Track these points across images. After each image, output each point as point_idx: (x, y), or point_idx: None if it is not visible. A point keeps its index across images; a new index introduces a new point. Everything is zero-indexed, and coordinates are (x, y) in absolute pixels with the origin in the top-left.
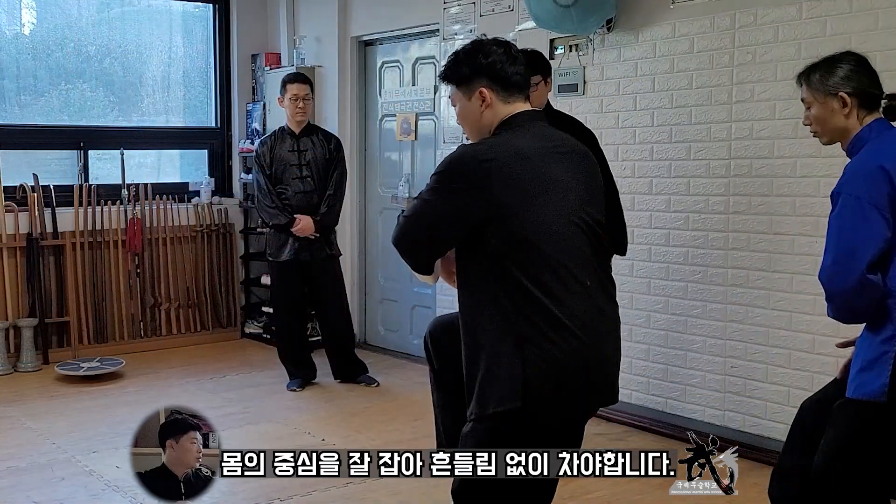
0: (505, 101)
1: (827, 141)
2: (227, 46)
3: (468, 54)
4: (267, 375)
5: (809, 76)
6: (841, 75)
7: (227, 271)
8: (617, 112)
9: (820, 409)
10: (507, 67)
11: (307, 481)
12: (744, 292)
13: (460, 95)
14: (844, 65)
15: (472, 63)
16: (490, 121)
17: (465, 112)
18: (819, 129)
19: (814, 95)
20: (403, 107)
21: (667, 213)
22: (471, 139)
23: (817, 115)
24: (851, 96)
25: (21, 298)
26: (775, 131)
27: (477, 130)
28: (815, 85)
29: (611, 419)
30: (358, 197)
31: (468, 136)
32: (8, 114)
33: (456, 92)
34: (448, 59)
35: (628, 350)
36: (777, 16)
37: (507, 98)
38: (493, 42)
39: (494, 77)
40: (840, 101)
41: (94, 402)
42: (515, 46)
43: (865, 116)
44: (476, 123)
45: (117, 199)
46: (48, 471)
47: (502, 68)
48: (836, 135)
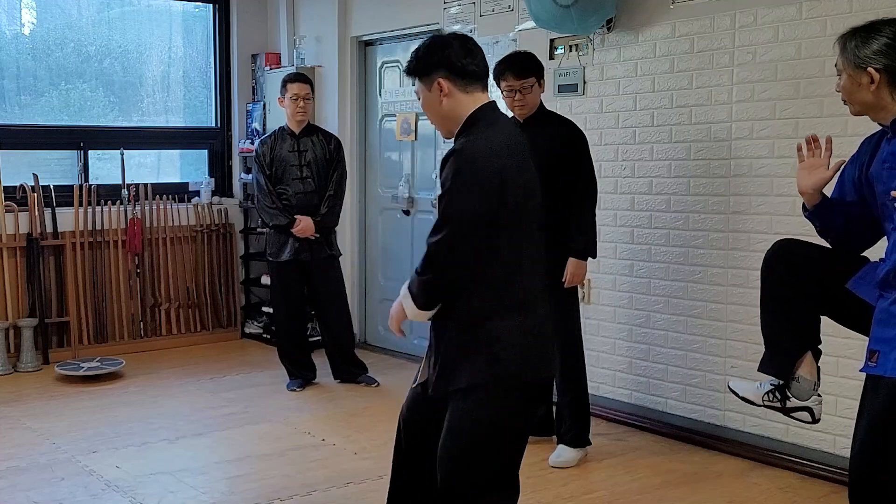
0: (464, 90)
1: (855, 112)
2: (227, 46)
3: (427, 48)
4: (267, 375)
5: (846, 43)
6: (875, 48)
7: (227, 271)
8: (617, 112)
9: None
10: (462, 59)
11: (307, 481)
12: (744, 292)
13: (422, 87)
14: (882, 37)
15: (430, 56)
16: (451, 109)
17: (426, 102)
18: (846, 99)
19: (844, 64)
20: (403, 107)
21: (667, 213)
22: (437, 128)
23: (844, 87)
24: (881, 73)
25: (21, 298)
26: (775, 131)
27: (439, 119)
28: (848, 54)
29: (611, 419)
30: (358, 197)
31: (435, 126)
32: (8, 114)
33: (419, 84)
34: (411, 55)
35: (629, 350)
36: (777, 16)
37: (466, 87)
38: (450, 36)
39: (451, 68)
40: (868, 77)
41: (94, 402)
42: (473, 40)
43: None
44: (437, 113)
45: (117, 199)
46: (48, 471)
47: (458, 59)
48: (863, 108)
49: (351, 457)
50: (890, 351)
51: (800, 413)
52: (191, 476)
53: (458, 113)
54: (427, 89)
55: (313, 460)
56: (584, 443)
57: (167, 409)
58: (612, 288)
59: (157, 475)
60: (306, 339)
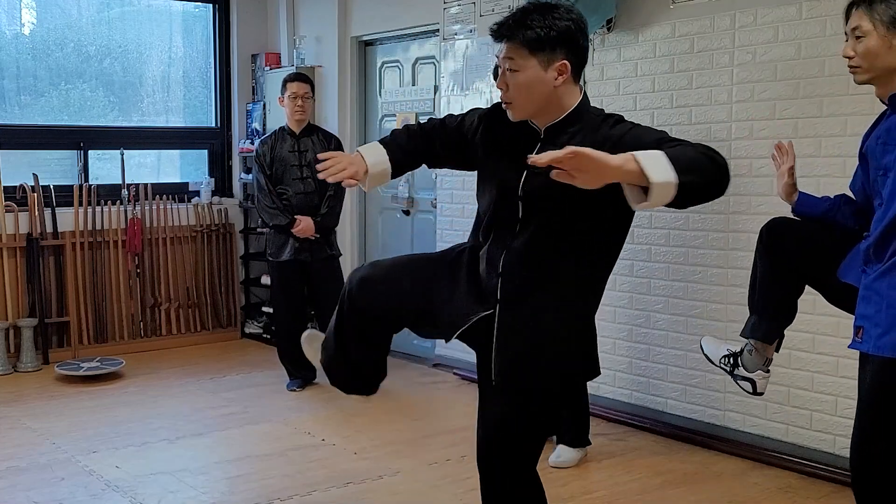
0: (575, 80)
1: (864, 79)
2: (227, 46)
3: (552, 16)
4: (267, 375)
5: (872, 3)
6: None
7: (227, 271)
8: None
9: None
10: (586, 42)
11: (307, 481)
12: (743, 292)
13: (534, 63)
14: None
15: (559, 27)
16: (551, 100)
17: (532, 83)
18: (863, 65)
19: (874, 25)
20: (403, 107)
21: (667, 213)
22: (518, 114)
23: (871, 49)
24: None
25: (21, 298)
26: (775, 131)
27: (538, 105)
28: (878, 14)
29: (611, 419)
30: (358, 197)
31: (516, 110)
32: (8, 114)
33: (526, 58)
34: (519, 13)
35: (629, 350)
36: (777, 16)
37: (576, 78)
38: (571, 9)
39: (577, 51)
40: None
41: (94, 402)
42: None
43: None
44: (541, 98)
45: (117, 199)
46: (48, 471)
47: (584, 43)
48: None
49: (351, 457)
50: (872, 328)
51: (743, 382)
52: (191, 476)
53: (565, 102)
54: (542, 67)
55: (313, 460)
56: (583, 443)
57: (167, 409)
58: (612, 288)
59: (157, 475)
60: None
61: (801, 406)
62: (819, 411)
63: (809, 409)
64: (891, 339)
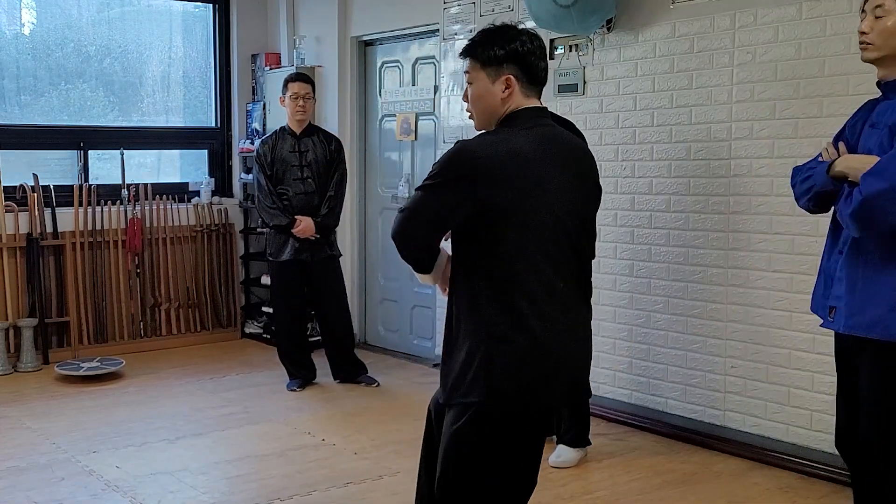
0: (525, 94)
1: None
2: (227, 46)
3: (503, 37)
4: (267, 375)
5: None
6: None
7: (227, 271)
8: (617, 112)
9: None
10: (538, 62)
11: (307, 481)
12: (744, 292)
13: (483, 76)
14: None
15: (507, 47)
16: (503, 110)
17: (482, 94)
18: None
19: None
20: (403, 107)
21: (667, 213)
22: (476, 123)
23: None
24: None
25: (21, 298)
26: (775, 131)
27: (487, 116)
28: None
29: (611, 419)
30: (358, 197)
31: (475, 119)
32: (8, 114)
33: (478, 71)
34: (478, 35)
35: (629, 350)
36: (777, 16)
37: (528, 92)
38: (528, 32)
39: (525, 67)
40: None
41: (94, 402)
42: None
43: None
44: (489, 109)
45: (117, 199)
46: (48, 471)
47: (535, 62)
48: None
49: (351, 457)
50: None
51: None
52: (191, 476)
53: (503, 114)
54: (490, 80)
55: (313, 460)
56: (584, 443)
57: (167, 409)
58: (613, 288)
59: (157, 475)
60: (306, 339)
61: (801, 406)
62: (819, 411)
63: (809, 409)
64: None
